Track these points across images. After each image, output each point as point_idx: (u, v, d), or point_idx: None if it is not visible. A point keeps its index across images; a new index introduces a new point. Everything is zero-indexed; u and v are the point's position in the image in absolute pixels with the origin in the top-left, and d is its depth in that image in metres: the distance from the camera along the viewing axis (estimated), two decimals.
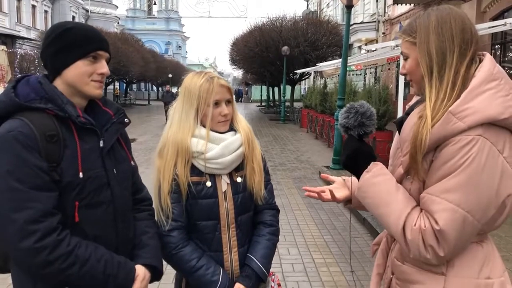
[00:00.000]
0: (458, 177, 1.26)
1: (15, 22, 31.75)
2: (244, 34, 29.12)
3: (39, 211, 1.36)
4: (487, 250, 1.40)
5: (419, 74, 1.41)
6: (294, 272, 4.38)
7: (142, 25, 73.57)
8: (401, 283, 1.48)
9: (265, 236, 1.88)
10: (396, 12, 22.25)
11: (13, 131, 1.38)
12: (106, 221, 1.56)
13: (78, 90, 1.52)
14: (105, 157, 1.56)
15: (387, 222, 1.39)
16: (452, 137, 1.27)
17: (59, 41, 1.49)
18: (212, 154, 1.74)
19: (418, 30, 1.40)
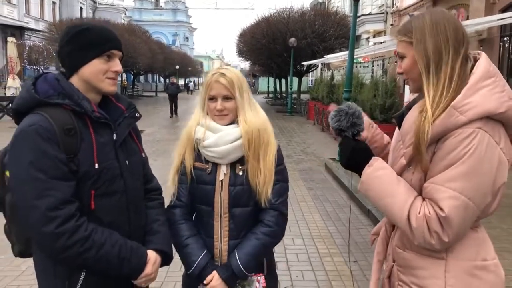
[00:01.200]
0: (460, 166, 1.36)
1: (24, 14, 31.93)
2: (251, 26, 29.07)
3: (58, 199, 1.46)
4: (481, 235, 1.50)
5: (417, 72, 1.50)
6: (298, 262, 4.47)
7: (149, 16, 73.58)
8: (403, 270, 1.56)
9: (256, 235, 1.86)
10: (404, 3, 22.09)
11: (34, 125, 1.48)
12: (120, 209, 1.66)
13: (94, 87, 1.62)
14: (118, 149, 1.66)
15: (391, 212, 1.47)
16: (454, 129, 1.37)
17: (77, 40, 1.58)
18: (208, 143, 1.85)
19: (414, 30, 1.49)
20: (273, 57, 27.09)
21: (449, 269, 1.45)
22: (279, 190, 1.88)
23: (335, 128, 1.60)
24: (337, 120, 1.59)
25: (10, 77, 21.61)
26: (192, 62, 60.84)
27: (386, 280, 1.65)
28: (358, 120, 1.59)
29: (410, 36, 1.50)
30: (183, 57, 55.40)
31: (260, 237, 1.84)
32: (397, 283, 1.58)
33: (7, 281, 3.92)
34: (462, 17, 16.36)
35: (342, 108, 1.60)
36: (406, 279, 1.54)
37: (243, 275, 1.82)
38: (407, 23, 1.55)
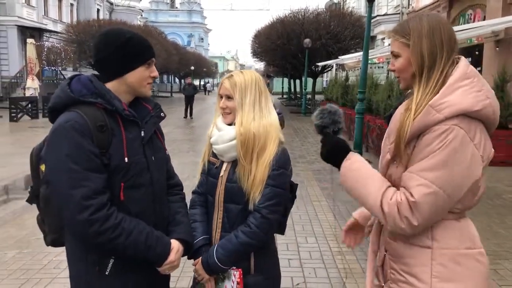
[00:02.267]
0: (434, 158, 1.48)
1: (42, 16, 32.50)
2: (266, 27, 29.14)
3: (92, 189, 1.59)
4: (465, 225, 1.61)
5: (410, 72, 1.61)
6: (311, 259, 4.54)
7: (165, 18, 74.21)
8: (394, 259, 1.67)
9: (236, 232, 1.94)
10: (420, 4, 21.95)
11: (71, 121, 1.62)
12: (146, 200, 1.79)
13: (136, 91, 1.79)
14: (145, 145, 1.80)
15: (366, 201, 1.61)
16: (432, 126, 1.49)
17: (124, 49, 1.72)
18: (212, 140, 2.05)
19: (412, 33, 1.58)
20: (287, 58, 27.11)
21: (435, 257, 1.55)
22: (268, 194, 1.91)
23: (318, 125, 1.73)
24: (320, 118, 1.72)
25: (29, 78, 22.07)
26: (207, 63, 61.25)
27: (379, 268, 1.76)
28: (339, 118, 1.72)
29: (408, 38, 1.58)
30: (198, 58, 55.76)
31: (240, 236, 1.92)
32: (389, 271, 1.68)
33: (30, 275, 4.06)
34: (479, 18, 16.20)
35: (324, 107, 1.74)
36: (396, 267, 1.65)
37: (217, 267, 1.93)
38: (404, 23, 1.63)
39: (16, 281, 3.94)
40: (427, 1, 20.56)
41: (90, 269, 1.70)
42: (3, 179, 8.10)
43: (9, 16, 28.33)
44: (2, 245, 4.81)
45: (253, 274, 1.98)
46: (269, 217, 1.92)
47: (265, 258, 2.03)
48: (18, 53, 28.74)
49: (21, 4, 29.20)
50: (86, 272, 1.72)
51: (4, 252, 4.59)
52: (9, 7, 28.43)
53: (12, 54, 28.78)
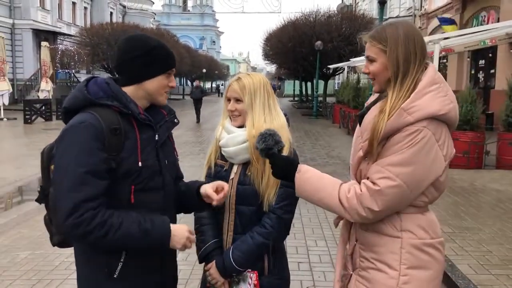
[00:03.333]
0: (401, 155, 1.62)
1: (57, 19, 32.95)
2: (278, 29, 29.17)
3: (87, 195, 1.58)
4: (429, 218, 1.77)
5: (384, 76, 1.73)
6: (320, 263, 4.52)
7: (177, 21, 74.72)
8: (364, 247, 1.79)
9: (251, 233, 1.96)
10: (433, 6, 21.80)
11: (85, 122, 1.63)
12: (156, 204, 1.78)
13: (153, 98, 1.80)
14: (159, 149, 1.81)
15: (326, 203, 1.74)
16: (403, 127, 1.62)
17: (149, 57, 1.74)
18: (222, 142, 2.04)
19: (389, 40, 1.69)
20: (299, 60, 27.09)
21: (404, 245, 1.70)
22: (282, 194, 1.94)
23: (263, 148, 1.79)
24: (263, 142, 1.79)
25: (43, 80, 22.39)
26: (219, 66, 61.53)
27: (349, 257, 1.87)
28: (280, 138, 1.81)
29: (385, 44, 1.69)
30: (209, 60, 56.00)
31: (255, 237, 1.94)
32: (359, 259, 1.80)
33: (42, 275, 4.11)
34: (493, 20, 16.03)
35: (263, 132, 1.81)
36: (367, 255, 1.77)
37: (234, 270, 1.94)
38: (381, 30, 1.74)
39: (28, 281, 3.99)
40: (440, 3, 20.41)
41: (98, 272, 1.70)
42: (17, 180, 8.22)
43: (24, 19, 28.79)
44: (15, 246, 4.88)
45: (266, 275, 1.99)
46: (284, 217, 1.95)
47: (277, 258, 2.05)
48: (32, 56, 29.15)
49: (36, 7, 29.63)
50: (94, 274, 1.72)
51: (17, 253, 4.65)
52: (24, 11, 28.89)
53: (26, 57, 29.20)
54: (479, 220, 5.61)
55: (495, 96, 14.81)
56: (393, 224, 1.70)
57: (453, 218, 5.66)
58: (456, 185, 7.41)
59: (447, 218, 5.64)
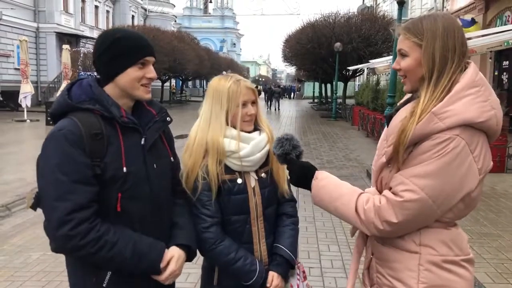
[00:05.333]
0: (428, 166, 1.43)
1: (80, 22, 33.53)
2: (297, 31, 29.05)
3: (77, 203, 1.52)
4: (455, 233, 1.57)
5: (417, 74, 1.53)
6: (332, 268, 4.43)
7: (198, 23, 75.18)
8: (380, 262, 1.64)
9: (288, 226, 2.01)
10: (455, 6, 21.37)
11: (63, 130, 1.57)
12: (146, 211, 1.70)
13: (129, 94, 1.69)
14: (147, 153, 1.71)
15: (342, 212, 1.60)
16: (432, 134, 1.42)
17: (111, 51, 1.64)
18: (245, 153, 1.87)
19: (425, 34, 1.49)
20: (318, 62, 26.94)
21: (422, 262, 1.52)
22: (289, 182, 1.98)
23: (280, 153, 1.73)
24: (280, 146, 1.73)
25: (64, 82, 22.78)
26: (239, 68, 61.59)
27: (365, 271, 1.74)
28: (298, 143, 1.76)
29: (420, 38, 1.50)
30: (229, 63, 56.10)
31: (293, 227, 2.02)
32: (375, 274, 1.65)
33: (51, 277, 4.14)
34: None
35: (281, 137, 1.77)
36: (383, 271, 1.62)
37: (294, 264, 1.96)
38: (417, 22, 1.54)
39: (38, 283, 4.02)
40: (462, 3, 20.00)
41: (87, 280, 1.65)
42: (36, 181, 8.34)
43: (48, 23, 29.37)
44: (29, 246, 4.95)
45: None
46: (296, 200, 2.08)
47: None
48: (56, 59, 29.70)
49: (60, 11, 30.21)
50: (83, 282, 1.67)
51: (29, 254, 4.70)
52: (48, 15, 29.49)
53: (50, 60, 29.80)
54: (498, 226, 5.45)
55: None
56: (411, 238, 1.53)
57: (471, 224, 5.49)
58: None
59: (465, 223, 5.47)
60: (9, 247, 4.98)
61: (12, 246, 5.00)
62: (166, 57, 29.94)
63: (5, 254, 4.76)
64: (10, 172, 8.81)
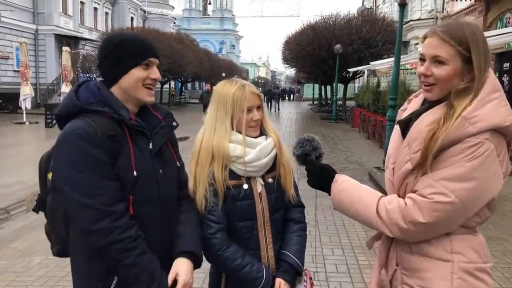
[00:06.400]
0: (459, 169, 1.43)
1: (79, 24, 33.48)
2: (297, 33, 29.05)
3: (110, 197, 1.53)
4: (481, 239, 1.59)
5: (452, 84, 1.50)
6: (337, 273, 4.39)
7: (198, 25, 75.21)
8: (408, 273, 1.60)
9: (296, 233, 1.98)
10: (455, 8, 21.38)
11: (79, 130, 1.54)
12: (155, 215, 1.69)
13: (132, 96, 1.67)
14: (154, 158, 1.70)
15: (363, 215, 1.60)
16: (464, 139, 1.44)
17: (116, 53, 1.64)
18: (250, 158, 1.84)
19: (472, 43, 1.47)
20: (318, 64, 26.93)
21: (455, 270, 1.50)
22: (296, 187, 2.03)
23: (300, 154, 1.75)
24: (300, 147, 1.76)
25: (63, 84, 22.76)
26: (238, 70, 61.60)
27: (387, 284, 1.69)
28: (319, 144, 1.78)
29: (464, 47, 1.47)
30: (229, 64, 56.10)
31: (300, 234, 1.99)
32: (400, 286, 1.62)
33: (53, 282, 4.09)
34: None
35: (301, 138, 1.80)
36: (411, 282, 1.58)
37: (301, 271, 1.93)
38: (458, 29, 1.49)
39: None
40: (463, 5, 20.00)
41: (93, 285, 1.63)
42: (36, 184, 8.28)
43: (47, 25, 29.30)
44: (30, 251, 4.89)
45: None
46: (305, 206, 2.05)
47: None
48: (55, 61, 29.65)
49: (59, 13, 30.15)
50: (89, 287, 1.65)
51: (31, 258, 4.65)
52: (47, 17, 29.43)
53: (49, 62, 29.71)
54: (503, 229, 5.42)
55: None
56: (442, 246, 1.51)
57: None
58: None
59: None
60: (10, 251, 4.93)
61: (13, 250, 4.95)
62: (165, 59, 29.90)
63: (6, 259, 4.71)
64: (9, 175, 8.77)
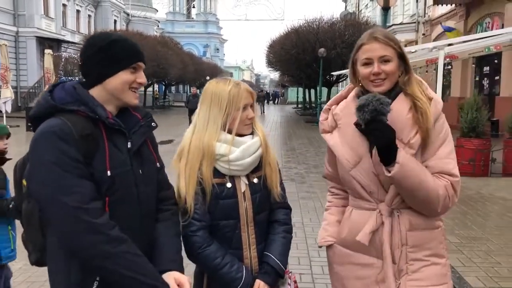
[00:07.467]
0: (450, 142, 1.78)
1: (61, 27, 33.11)
2: (281, 37, 29.18)
3: (87, 195, 1.48)
4: None
5: (396, 75, 1.79)
6: (323, 274, 4.37)
7: (181, 28, 74.94)
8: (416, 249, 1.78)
9: (280, 234, 1.95)
10: (436, 13, 21.72)
11: (54, 127, 1.50)
12: (133, 217, 1.64)
13: (117, 98, 1.64)
14: (132, 158, 1.66)
15: (431, 184, 1.70)
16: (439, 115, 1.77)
17: (106, 52, 1.60)
18: (233, 157, 1.83)
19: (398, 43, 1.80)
20: (302, 68, 27.08)
21: (443, 232, 1.86)
22: (283, 188, 2.02)
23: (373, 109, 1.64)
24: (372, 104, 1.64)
25: (45, 87, 22.42)
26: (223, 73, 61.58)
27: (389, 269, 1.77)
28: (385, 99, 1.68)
29: (396, 47, 1.77)
30: (213, 68, 56.01)
31: (285, 235, 1.96)
32: (408, 264, 1.77)
33: (35, 287, 4.01)
34: (497, 26, 15.92)
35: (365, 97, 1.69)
36: (418, 255, 1.77)
37: (283, 274, 1.91)
38: (388, 33, 1.82)
39: None
40: (444, 10, 20.34)
41: None
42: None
43: (28, 27, 28.90)
44: None
45: None
46: (291, 208, 2.05)
47: None
48: (36, 64, 29.24)
49: (40, 15, 29.77)
50: None
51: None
52: (28, 19, 29.01)
53: (30, 64, 29.30)
54: (486, 229, 5.49)
55: (500, 103, 14.66)
56: None
57: (460, 228, 5.52)
58: (463, 194, 7.24)
59: (454, 227, 5.50)
60: None
61: None
62: (149, 62, 29.68)
63: None
64: None
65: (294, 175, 9.50)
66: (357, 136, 1.78)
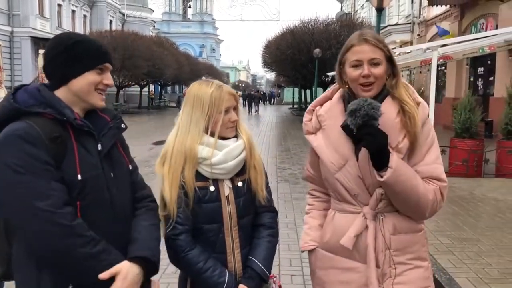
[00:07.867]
0: (437, 147, 1.79)
1: (56, 27, 32.97)
2: (276, 37, 29.22)
3: (61, 198, 1.44)
4: None
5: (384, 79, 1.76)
6: None
7: (177, 28, 74.87)
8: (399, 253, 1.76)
9: (265, 238, 1.93)
10: (431, 14, 21.80)
11: (19, 131, 1.44)
12: (106, 221, 1.58)
13: (83, 99, 1.59)
14: (103, 160, 1.61)
15: (422, 189, 1.71)
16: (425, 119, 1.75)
17: (71, 52, 1.55)
18: (215, 160, 1.81)
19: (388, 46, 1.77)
20: (297, 68, 27.12)
21: (425, 235, 1.86)
22: (269, 191, 1.99)
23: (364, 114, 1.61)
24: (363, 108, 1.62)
25: None
26: (219, 73, 61.54)
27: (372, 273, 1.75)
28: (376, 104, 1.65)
29: (387, 49, 1.74)
30: (209, 68, 56.04)
31: (270, 240, 1.94)
32: (391, 268, 1.76)
33: None
34: (491, 27, 15.99)
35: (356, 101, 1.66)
36: (402, 259, 1.76)
37: (267, 279, 1.89)
38: (378, 36, 1.79)
39: None
40: (438, 11, 20.41)
41: None
42: None
43: (23, 27, 28.80)
44: None
45: None
46: (277, 212, 2.02)
47: None
48: (31, 64, 29.12)
49: (35, 15, 29.67)
50: None
51: None
52: (23, 19, 28.91)
53: (25, 64, 29.18)
54: (477, 230, 5.49)
55: (494, 104, 14.72)
56: None
57: (451, 229, 5.52)
58: (455, 194, 7.27)
59: (446, 228, 5.50)
60: None
61: None
62: (145, 62, 29.69)
63: None
64: None
65: (288, 175, 9.48)
66: (342, 138, 1.76)
